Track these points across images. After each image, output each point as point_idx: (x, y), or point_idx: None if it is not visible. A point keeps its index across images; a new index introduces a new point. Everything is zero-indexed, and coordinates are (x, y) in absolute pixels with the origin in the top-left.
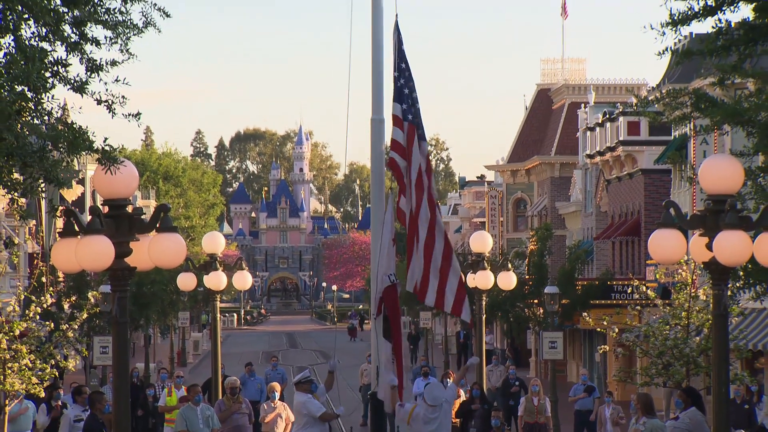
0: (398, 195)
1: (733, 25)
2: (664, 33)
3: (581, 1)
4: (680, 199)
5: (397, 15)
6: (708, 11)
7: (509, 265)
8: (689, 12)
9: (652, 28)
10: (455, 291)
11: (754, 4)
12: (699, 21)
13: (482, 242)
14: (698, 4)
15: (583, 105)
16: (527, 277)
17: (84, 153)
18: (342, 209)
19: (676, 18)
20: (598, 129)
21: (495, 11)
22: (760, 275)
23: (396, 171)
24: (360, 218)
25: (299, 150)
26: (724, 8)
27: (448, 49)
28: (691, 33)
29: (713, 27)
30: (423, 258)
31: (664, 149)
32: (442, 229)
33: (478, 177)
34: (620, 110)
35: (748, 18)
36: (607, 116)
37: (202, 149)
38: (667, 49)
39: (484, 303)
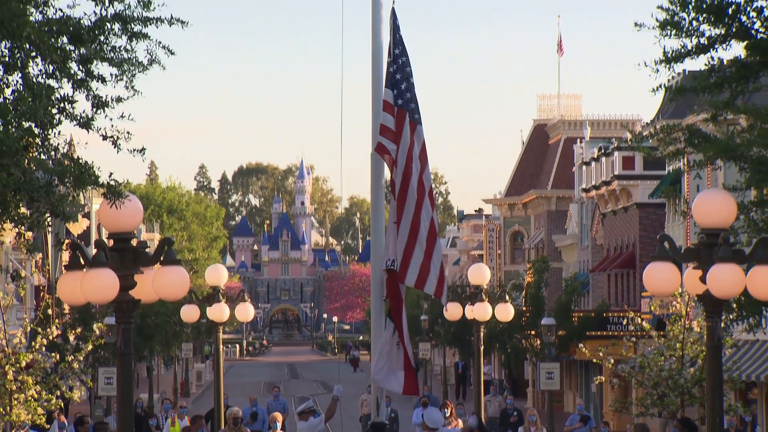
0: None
1: (725, 62)
2: (657, 70)
3: (577, 39)
4: (674, 233)
5: (394, 2)
6: (701, 49)
7: (507, 297)
8: (682, 50)
9: (646, 66)
10: (438, 275)
11: (746, 42)
12: (692, 59)
13: (480, 275)
14: (691, 42)
15: (579, 140)
16: (524, 308)
17: (90, 187)
18: (342, 242)
19: (669, 56)
20: (593, 163)
21: (493, 48)
22: (752, 308)
23: (386, 155)
24: (360, 251)
25: (300, 184)
26: (716, 46)
27: (446, 84)
28: (684, 70)
29: (706, 64)
30: (407, 238)
31: (658, 183)
32: (430, 215)
33: (476, 210)
34: (615, 145)
35: (740, 56)
36: (603, 151)
37: (205, 183)
38: (661, 86)
39: (482, 334)
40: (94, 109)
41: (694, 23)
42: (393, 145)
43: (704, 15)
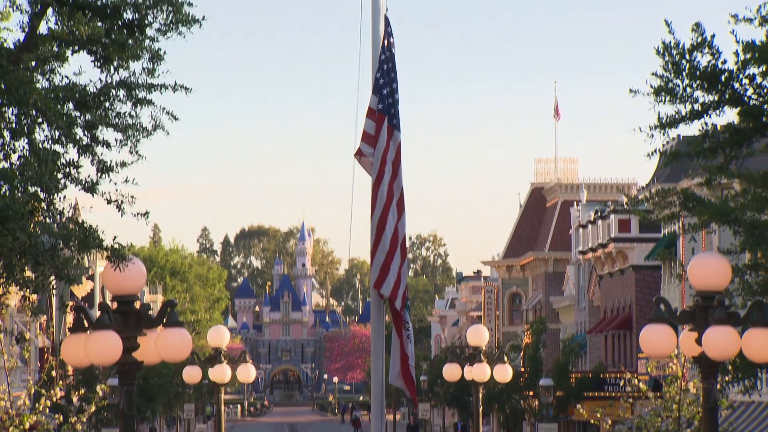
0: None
1: (719, 128)
2: (652, 135)
3: (573, 104)
4: (670, 295)
5: (387, 9)
6: (695, 115)
7: (505, 358)
8: (677, 116)
9: (641, 131)
10: (396, 278)
11: (739, 108)
12: (686, 124)
13: (479, 336)
14: (685, 108)
15: (575, 203)
16: (523, 369)
17: (94, 250)
18: (343, 303)
19: (664, 121)
20: (590, 226)
21: (491, 113)
22: (748, 370)
23: (363, 158)
24: (360, 312)
25: (302, 246)
26: (710, 112)
27: (445, 147)
28: (679, 135)
29: (700, 130)
30: (373, 240)
31: (654, 246)
32: (395, 220)
33: (474, 272)
34: (611, 208)
35: (734, 122)
36: (599, 214)
37: (207, 245)
38: (656, 151)
39: (481, 395)
40: (99, 174)
41: (688, 90)
42: (370, 149)
43: (698, 82)
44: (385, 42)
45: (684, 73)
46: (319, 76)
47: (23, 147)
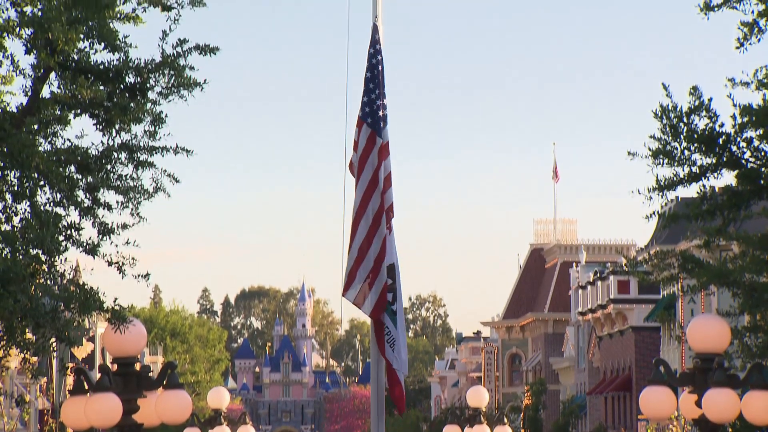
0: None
1: (717, 190)
2: (651, 198)
3: (572, 165)
4: (669, 356)
5: (376, 17)
6: (693, 177)
7: (505, 420)
8: (675, 178)
9: (640, 193)
10: (378, 294)
11: (736, 171)
12: (684, 187)
13: (479, 397)
14: (683, 171)
15: (574, 264)
16: (523, 430)
17: (95, 312)
18: (343, 363)
19: (662, 184)
20: (589, 287)
21: (490, 173)
22: None
23: (351, 168)
24: (360, 372)
25: (302, 307)
26: (708, 175)
27: (444, 208)
28: (677, 197)
29: (698, 192)
30: (357, 254)
31: (653, 308)
32: (383, 235)
33: (474, 333)
34: (610, 269)
35: (732, 184)
36: (598, 275)
37: (208, 306)
38: (654, 213)
39: None
40: (100, 236)
41: (686, 152)
42: (355, 155)
43: (696, 145)
44: (371, 50)
45: (682, 136)
46: (319, 140)
47: (25, 210)
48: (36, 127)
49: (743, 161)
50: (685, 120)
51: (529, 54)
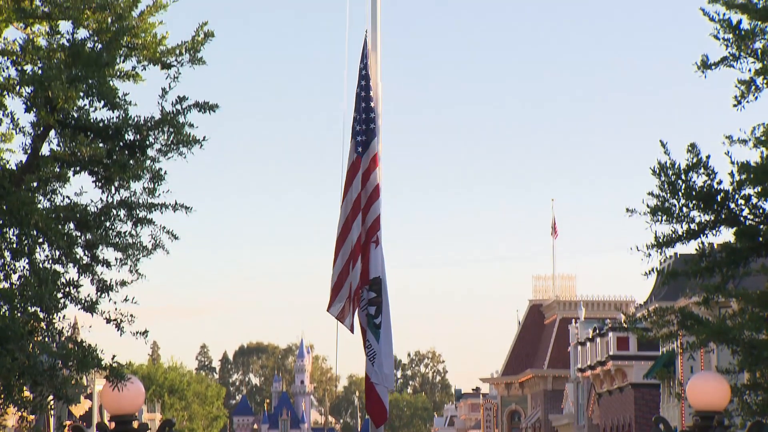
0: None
1: (716, 246)
2: (649, 254)
3: (570, 222)
4: (669, 414)
5: (367, 31)
6: (691, 234)
7: None
8: (673, 235)
9: (639, 250)
10: (353, 311)
11: (735, 228)
12: (683, 243)
13: None
14: (682, 228)
15: (573, 320)
16: None
17: (93, 370)
18: (342, 420)
19: (661, 241)
20: (588, 344)
21: (488, 230)
22: None
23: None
24: (359, 429)
25: (300, 363)
26: (706, 232)
27: (443, 266)
28: (676, 253)
29: (697, 249)
30: (340, 270)
31: (652, 365)
32: (366, 252)
33: (473, 389)
34: (609, 326)
35: (730, 241)
36: (597, 332)
37: (206, 363)
38: (653, 270)
39: None
40: (99, 293)
41: (685, 210)
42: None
43: (694, 202)
44: (361, 63)
45: (680, 193)
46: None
47: (23, 267)
48: (35, 184)
49: (742, 218)
50: (683, 177)
51: (527, 110)
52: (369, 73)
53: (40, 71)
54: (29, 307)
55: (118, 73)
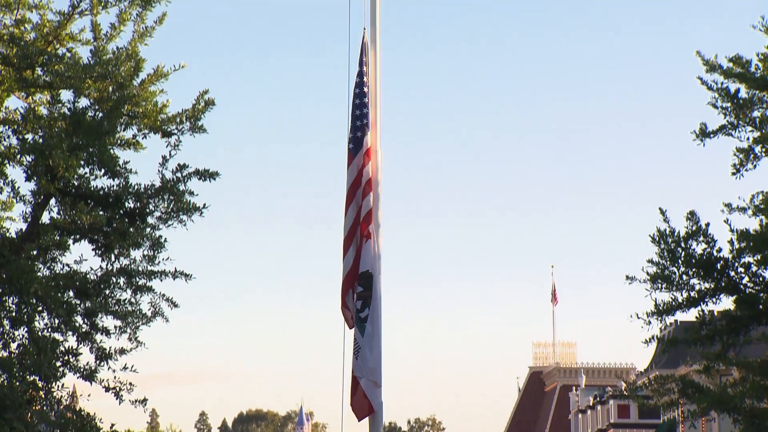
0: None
1: (716, 314)
2: (650, 322)
3: (570, 288)
4: None
5: (364, 36)
6: (691, 302)
7: None
8: (673, 303)
9: (639, 318)
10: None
11: (735, 296)
12: (683, 311)
13: None
14: (682, 295)
15: (574, 387)
16: None
17: None
18: None
19: (661, 308)
20: (589, 411)
21: (487, 296)
22: None
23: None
24: None
25: (300, 430)
26: (706, 299)
27: (442, 332)
28: (676, 320)
29: (697, 317)
30: (347, 273)
31: None
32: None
33: None
34: (610, 393)
35: (730, 309)
36: (598, 399)
37: (205, 430)
38: (653, 338)
39: None
40: (98, 361)
41: (684, 277)
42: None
43: (694, 270)
44: (357, 79)
45: (680, 261)
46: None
47: (23, 335)
48: (35, 252)
49: (742, 286)
50: (682, 245)
51: (526, 176)
52: (364, 70)
53: (41, 140)
54: (28, 376)
55: (119, 142)
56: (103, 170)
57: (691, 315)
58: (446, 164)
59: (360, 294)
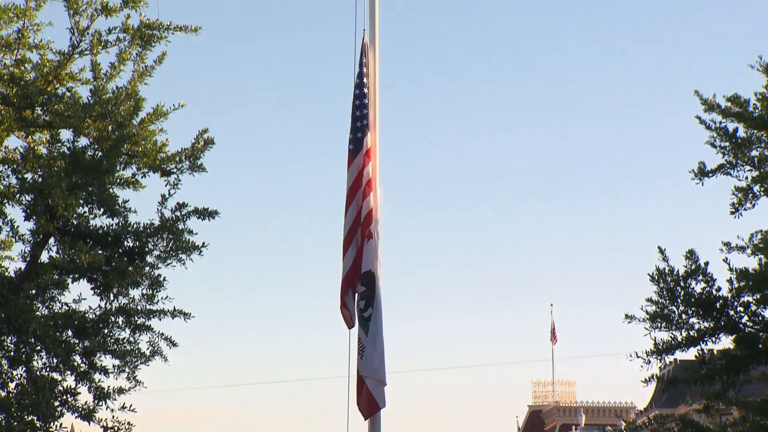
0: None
1: (715, 353)
2: (649, 361)
3: (570, 327)
4: None
5: (364, 37)
6: (691, 341)
7: None
8: (673, 342)
9: (638, 357)
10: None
11: (734, 335)
12: (683, 350)
13: None
14: (681, 334)
15: (574, 426)
16: None
17: None
18: None
19: (660, 347)
20: None
21: (486, 334)
22: None
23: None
24: None
25: None
26: (706, 339)
27: (440, 371)
28: (675, 359)
29: (697, 356)
30: (346, 273)
31: None
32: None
33: None
34: None
35: (730, 348)
36: None
37: None
38: (653, 377)
39: None
40: (96, 401)
41: (684, 316)
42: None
43: (693, 309)
44: (357, 80)
45: (679, 300)
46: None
47: (21, 375)
48: (34, 291)
49: (741, 326)
50: (682, 284)
51: (525, 216)
52: (364, 71)
53: (40, 179)
54: (26, 416)
55: (118, 181)
56: (102, 209)
57: (690, 354)
58: (446, 205)
59: (363, 293)
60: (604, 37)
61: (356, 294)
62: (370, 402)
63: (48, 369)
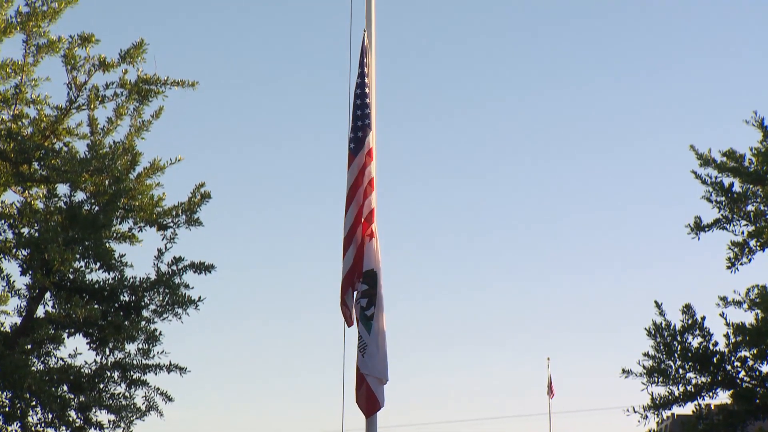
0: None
1: (713, 408)
2: (646, 416)
3: (566, 381)
4: None
5: (363, 39)
6: (688, 396)
7: None
8: (670, 396)
9: (635, 411)
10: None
11: (732, 390)
12: (680, 405)
13: None
14: (678, 389)
15: None
16: None
17: None
18: None
19: (657, 402)
20: None
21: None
22: None
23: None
24: None
25: None
26: (703, 393)
27: (436, 426)
28: (673, 414)
29: (694, 411)
30: (347, 271)
31: None
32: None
33: None
34: None
35: (727, 403)
36: None
37: None
38: None
39: None
40: None
41: (681, 371)
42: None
43: (690, 363)
44: (359, 80)
45: (676, 354)
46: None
47: (16, 431)
48: (29, 346)
49: (738, 381)
50: (678, 338)
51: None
52: (365, 71)
53: (36, 234)
54: None
55: (115, 235)
56: (98, 264)
57: (687, 409)
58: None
59: (365, 292)
60: (599, 88)
61: (356, 292)
62: (371, 400)
63: (43, 424)
